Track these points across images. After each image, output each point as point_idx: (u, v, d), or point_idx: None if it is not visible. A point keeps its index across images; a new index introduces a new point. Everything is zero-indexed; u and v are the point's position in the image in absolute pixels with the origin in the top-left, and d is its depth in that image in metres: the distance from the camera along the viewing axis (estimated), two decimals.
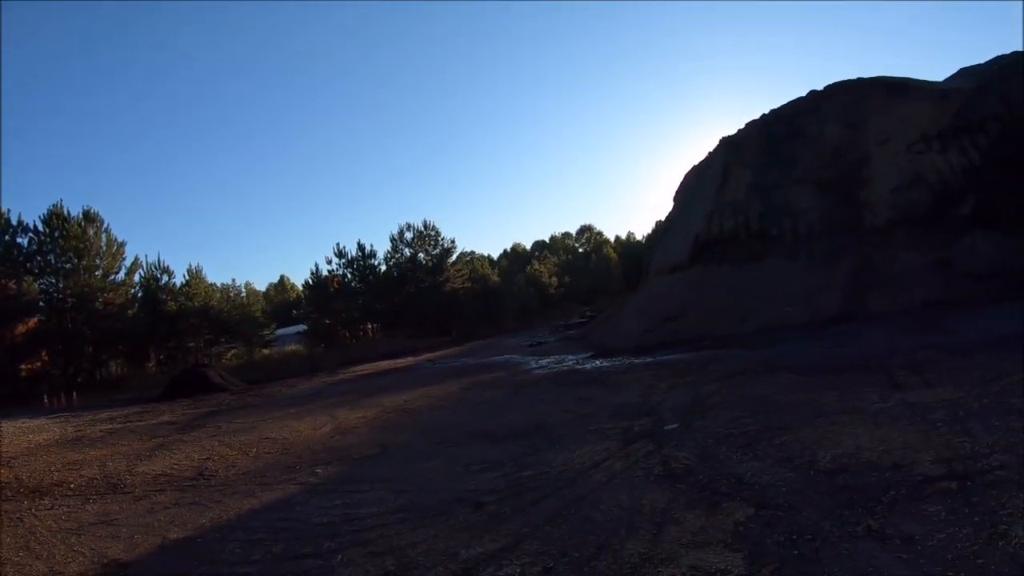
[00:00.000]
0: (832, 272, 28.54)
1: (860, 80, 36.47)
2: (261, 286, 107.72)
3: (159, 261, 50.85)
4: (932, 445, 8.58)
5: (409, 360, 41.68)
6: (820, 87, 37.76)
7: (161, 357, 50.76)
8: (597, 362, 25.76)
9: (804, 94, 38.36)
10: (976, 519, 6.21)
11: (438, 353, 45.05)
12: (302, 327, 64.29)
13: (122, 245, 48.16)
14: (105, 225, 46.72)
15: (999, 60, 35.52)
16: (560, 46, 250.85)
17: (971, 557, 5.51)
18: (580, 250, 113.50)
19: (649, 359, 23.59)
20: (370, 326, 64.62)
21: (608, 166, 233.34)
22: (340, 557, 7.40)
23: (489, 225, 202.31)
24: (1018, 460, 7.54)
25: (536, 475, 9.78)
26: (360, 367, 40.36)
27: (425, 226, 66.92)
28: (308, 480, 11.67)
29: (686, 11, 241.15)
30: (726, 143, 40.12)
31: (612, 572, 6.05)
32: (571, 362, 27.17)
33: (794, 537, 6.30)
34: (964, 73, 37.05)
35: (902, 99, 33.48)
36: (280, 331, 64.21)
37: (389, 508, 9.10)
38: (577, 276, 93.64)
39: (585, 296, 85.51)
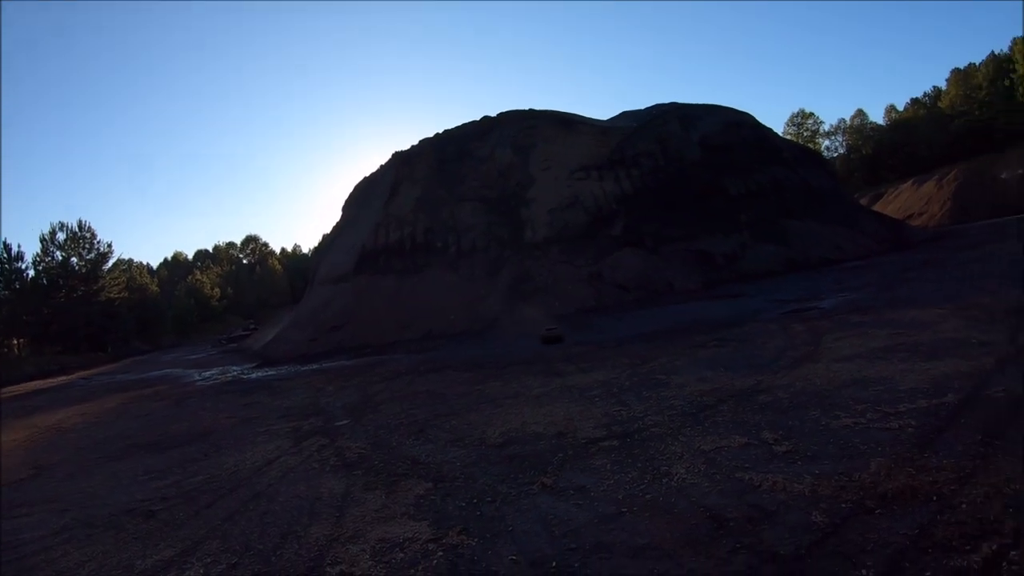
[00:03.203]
0: (493, 283, 30.40)
1: (532, 111, 40.29)
2: None
3: None
4: (592, 415, 9.41)
5: (62, 379, 37.20)
6: (494, 113, 40.96)
7: None
8: (262, 371, 25.07)
9: (478, 118, 41.32)
10: (639, 465, 6.89)
11: (93, 371, 41.16)
12: None
13: None
14: None
15: (658, 107, 42.09)
16: (231, 47, 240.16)
17: (640, 495, 6.07)
18: (244, 261, 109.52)
19: (315, 366, 23.43)
20: (16, 341, 55.41)
21: (276, 176, 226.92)
22: None
23: (148, 230, 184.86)
24: (668, 419, 8.54)
25: (208, 479, 9.31)
26: (6, 389, 35.00)
27: (80, 227, 58.82)
28: None
29: (365, 21, 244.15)
30: (398, 158, 41.35)
31: (300, 557, 5.88)
32: (235, 372, 26.18)
33: (475, 501, 6.57)
34: (627, 115, 43.03)
35: (568, 131, 37.42)
36: None
37: (52, 529, 7.99)
38: (241, 288, 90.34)
39: (249, 309, 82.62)
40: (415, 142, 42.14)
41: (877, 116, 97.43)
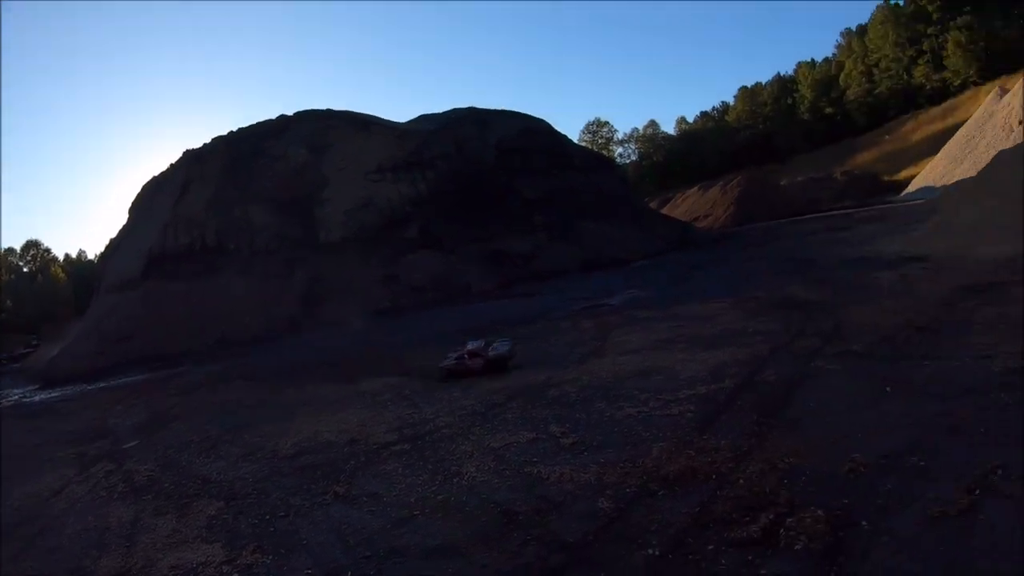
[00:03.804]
0: (287, 285, 29.66)
1: (328, 111, 39.66)
2: None
3: None
4: (384, 419, 9.42)
5: None
6: (290, 112, 40.07)
7: None
8: (46, 393, 23.26)
9: (274, 117, 40.08)
10: (431, 467, 6.95)
11: None
12: None
13: None
14: None
15: (455, 111, 42.70)
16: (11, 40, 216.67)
17: (432, 496, 6.12)
18: (25, 269, 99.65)
19: (104, 383, 21.94)
20: None
21: (59, 177, 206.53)
22: None
23: None
24: (458, 419, 8.70)
25: None
26: None
27: None
28: None
29: (161, 16, 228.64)
30: (189, 156, 39.22)
31: None
32: (16, 396, 24.09)
33: (268, 517, 6.44)
34: (425, 118, 43.25)
35: (364, 133, 37.15)
36: None
37: None
38: (20, 300, 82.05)
39: (31, 323, 75.06)
40: (207, 140, 40.31)
41: (668, 127, 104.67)
